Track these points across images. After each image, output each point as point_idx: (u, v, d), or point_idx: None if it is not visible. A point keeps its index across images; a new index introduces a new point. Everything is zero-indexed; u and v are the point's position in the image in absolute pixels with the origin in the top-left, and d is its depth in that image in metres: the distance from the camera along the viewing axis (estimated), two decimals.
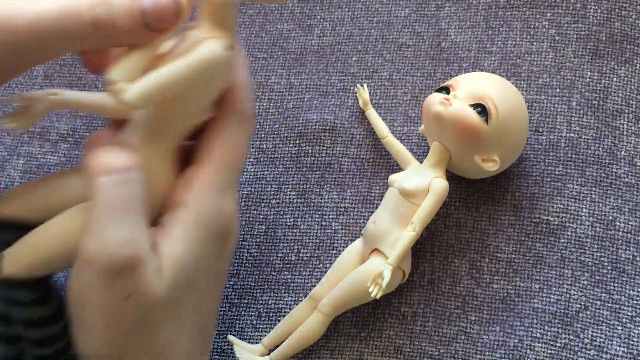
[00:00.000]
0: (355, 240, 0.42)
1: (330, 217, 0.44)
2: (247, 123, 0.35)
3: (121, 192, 0.31)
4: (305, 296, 0.42)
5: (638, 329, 0.40)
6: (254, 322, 0.42)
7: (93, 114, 0.46)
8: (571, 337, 0.40)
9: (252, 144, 0.45)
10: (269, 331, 0.42)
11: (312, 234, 0.44)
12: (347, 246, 0.42)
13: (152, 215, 0.32)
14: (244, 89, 0.35)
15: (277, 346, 0.41)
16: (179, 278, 0.31)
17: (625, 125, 0.43)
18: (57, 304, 0.35)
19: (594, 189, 0.42)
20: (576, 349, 0.40)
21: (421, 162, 0.40)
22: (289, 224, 0.44)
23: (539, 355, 0.40)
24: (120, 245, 0.30)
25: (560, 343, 0.40)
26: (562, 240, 0.41)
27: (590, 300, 0.40)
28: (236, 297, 0.43)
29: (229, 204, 0.33)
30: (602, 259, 0.41)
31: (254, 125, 0.36)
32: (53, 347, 0.35)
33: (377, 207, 0.41)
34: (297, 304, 0.42)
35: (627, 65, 0.44)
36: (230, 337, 0.41)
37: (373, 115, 0.44)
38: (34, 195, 0.33)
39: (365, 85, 0.45)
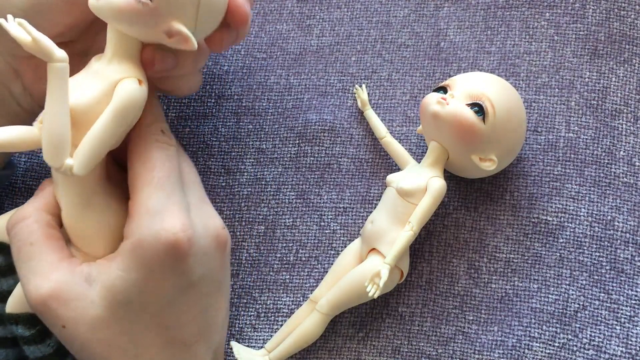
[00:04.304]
0: (353, 240, 0.42)
1: (329, 217, 0.44)
2: (161, 138, 0.35)
3: (20, 239, 0.34)
4: (304, 296, 0.42)
5: (636, 329, 0.40)
6: (253, 322, 0.42)
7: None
8: (570, 337, 0.40)
9: (252, 145, 0.45)
10: (268, 331, 0.42)
11: (310, 235, 0.44)
12: (345, 247, 0.42)
13: (111, 249, 0.34)
14: (150, 106, 0.35)
15: None
16: (116, 301, 0.33)
17: (624, 125, 0.43)
18: (58, 343, 0.36)
19: (592, 188, 0.42)
20: (574, 348, 0.40)
21: (419, 162, 0.41)
22: (287, 224, 0.44)
23: (537, 355, 0.40)
24: (35, 285, 0.33)
25: (559, 343, 0.40)
26: (561, 240, 0.41)
27: (589, 300, 0.40)
28: (235, 297, 0.43)
29: (169, 222, 0.33)
30: (601, 258, 0.41)
31: (170, 136, 0.35)
32: None
33: (376, 208, 0.41)
34: (295, 304, 0.42)
35: (626, 65, 0.44)
36: (233, 343, 0.41)
37: (371, 116, 0.44)
38: None
39: (363, 85, 0.46)
